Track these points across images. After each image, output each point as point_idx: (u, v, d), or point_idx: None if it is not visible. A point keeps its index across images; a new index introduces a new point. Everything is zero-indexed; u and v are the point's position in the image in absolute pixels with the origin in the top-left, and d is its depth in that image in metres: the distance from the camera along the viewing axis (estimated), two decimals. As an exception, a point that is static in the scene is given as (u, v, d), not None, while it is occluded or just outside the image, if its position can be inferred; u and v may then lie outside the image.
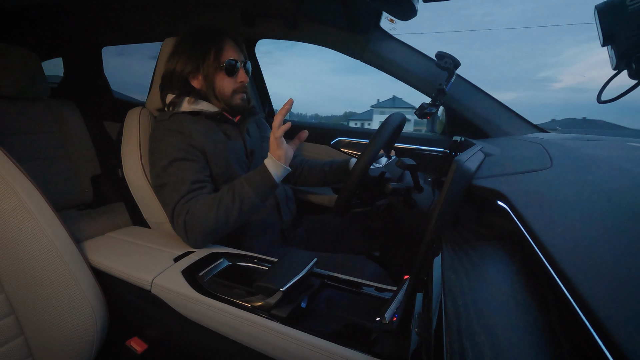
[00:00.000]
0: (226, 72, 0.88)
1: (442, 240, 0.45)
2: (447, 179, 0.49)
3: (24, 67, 1.25)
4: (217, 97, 0.89)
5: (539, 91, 35.22)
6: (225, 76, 0.88)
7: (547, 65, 69.51)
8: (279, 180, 0.81)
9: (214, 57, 0.86)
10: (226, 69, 0.87)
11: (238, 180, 0.81)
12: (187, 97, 0.90)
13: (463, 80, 1.08)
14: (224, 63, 0.87)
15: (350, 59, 1.18)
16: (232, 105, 0.91)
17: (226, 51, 0.88)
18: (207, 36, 0.88)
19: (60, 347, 0.71)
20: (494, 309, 0.29)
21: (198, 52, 0.87)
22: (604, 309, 0.22)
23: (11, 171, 0.69)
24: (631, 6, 0.45)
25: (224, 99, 0.90)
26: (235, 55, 0.89)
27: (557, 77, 64.52)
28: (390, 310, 0.47)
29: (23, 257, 0.67)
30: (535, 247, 0.32)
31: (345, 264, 0.82)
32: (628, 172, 0.48)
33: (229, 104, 0.91)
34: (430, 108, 0.96)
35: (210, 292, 0.65)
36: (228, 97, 0.90)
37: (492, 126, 1.06)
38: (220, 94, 0.89)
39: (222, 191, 0.80)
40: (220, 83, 0.89)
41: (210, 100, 0.90)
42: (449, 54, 0.97)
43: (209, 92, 0.89)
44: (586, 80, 18.81)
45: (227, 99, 0.90)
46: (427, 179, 0.89)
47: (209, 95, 0.89)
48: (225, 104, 0.91)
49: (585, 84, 22.75)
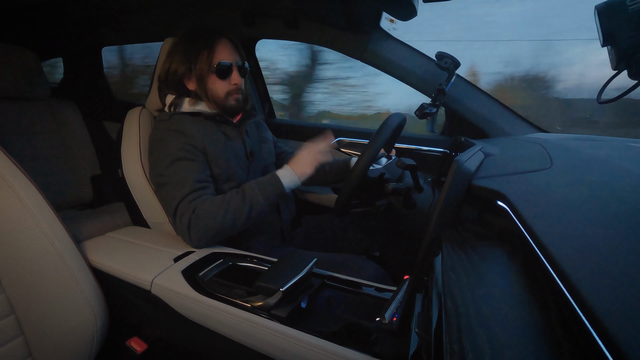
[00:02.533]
0: (217, 75, 0.86)
1: (442, 240, 0.45)
2: (447, 179, 0.49)
3: (24, 67, 1.25)
4: (209, 99, 0.88)
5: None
6: (217, 79, 0.87)
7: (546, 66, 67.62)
8: (288, 191, 0.82)
9: (205, 58, 0.85)
10: (217, 72, 0.86)
11: (248, 184, 0.81)
12: (187, 97, 0.90)
13: (463, 80, 1.08)
14: (216, 65, 0.85)
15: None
16: (227, 107, 0.90)
17: (219, 53, 0.86)
18: (200, 37, 0.86)
19: (60, 347, 0.71)
20: (494, 309, 0.29)
21: (190, 53, 0.86)
22: (604, 308, 0.22)
23: (11, 171, 0.69)
24: (631, 6, 0.45)
25: (217, 101, 0.89)
26: (229, 56, 0.87)
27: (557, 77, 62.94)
28: (390, 310, 0.47)
29: (23, 258, 0.67)
30: (535, 247, 0.32)
31: (345, 264, 0.82)
32: (628, 172, 0.48)
33: (223, 106, 0.89)
34: (430, 108, 0.96)
35: (210, 292, 0.65)
36: (221, 99, 0.88)
37: (492, 126, 1.06)
38: (213, 96, 0.88)
39: (231, 194, 0.79)
40: (212, 85, 0.87)
41: (205, 102, 0.89)
42: (449, 54, 0.97)
43: (202, 93, 0.87)
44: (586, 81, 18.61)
45: (221, 101, 0.89)
46: (427, 179, 0.89)
47: (202, 97, 0.88)
48: (219, 106, 0.89)
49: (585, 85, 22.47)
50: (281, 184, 0.80)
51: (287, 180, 0.81)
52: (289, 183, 0.81)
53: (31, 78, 1.28)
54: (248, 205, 0.77)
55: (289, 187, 0.81)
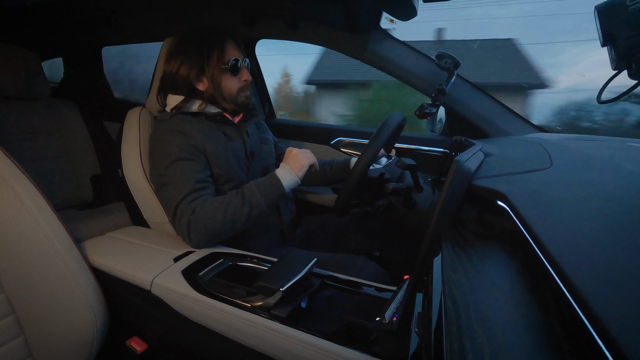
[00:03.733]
0: (231, 72, 0.88)
1: (442, 240, 0.45)
2: (447, 179, 0.49)
3: (24, 67, 1.25)
4: (224, 97, 0.90)
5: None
6: (230, 76, 0.89)
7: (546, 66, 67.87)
8: (288, 191, 0.82)
9: (217, 57, 0.86)
10: (231, 69, 0.88)
11: (248, 186, 0.81)
12: (196, 100, 0.89)
13: (463, 80, 1.08)
14: (229, 63, 0.87)
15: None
16: (238, 103, 0.92)
17: (229, 51, 0.88)
18: (208, 37, 0.87)
19: (60, 347, 0.71)
20: (494, 309, 0.29)
21: (201, 54, 0.86)
22: (604, 308, 0.22)
23: (11, 171, 0.69)
24: (631, 6, 0.45)
25: (231, 98, 0.91)
26: (237, 54, 0.90)
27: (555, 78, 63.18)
28: (390, 310, 0.47)
29: (23, 257, 0.67)
30: (535, 247, 0.32)
31: (345, 264, 0.82)
32: (628, 172, 0.48)
33: (235, 102, 0.92)
34: (430, 108, 0.96)
35: (210, 292, 0.65)
36: (234, 96, 0.91)
37: (492, 126, 1.06)
38: (227, 94, 0.90)
39: (230, 195, 0.79)
40: (226, 83, 0.89)
41: (218, 101, 0.90)
42: (449, 54, 0.97)
43: (217, 93, 0.88)
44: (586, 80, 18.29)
45: (234, 98, 0.91)
46: (427, 179, 0.89)
47: (217, 97, 0.89)
48: (233, 103, 0.91)
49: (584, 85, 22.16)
50: (281, 184, 0.80)
51: (287, 180, 0.81)
52: (288, 182, 0.81)
53: (31, 78, 1.28)
54: (248, 206, 0.77)
55: (288, 186, 0.81)
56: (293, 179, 0.82)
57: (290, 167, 0.83)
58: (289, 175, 0.82)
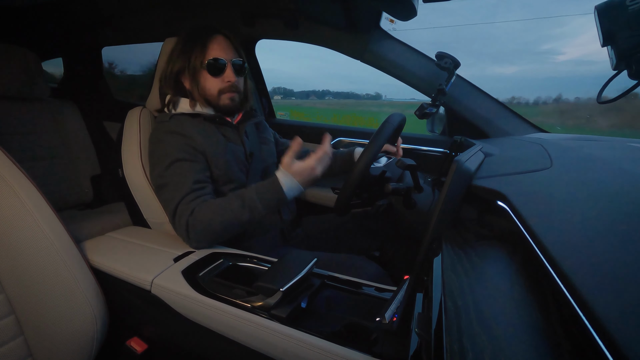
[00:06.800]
0: (208, 71, 0.85)
1: (442, 240, 0.45)
2: (447, 179, 0.49)
3: (24, 67, 1.25)
4: (202, 97, 0.87)
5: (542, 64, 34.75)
6: (208, 75, 0.86)
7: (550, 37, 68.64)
8: (290, 198, 0.78)
9: (198, 55, 0.84)
10: (208, 68, 0.85)
11: (248, 190, 0.78)
12: (183, 98, 0.89)
13: (463, 80, 1.08)
14: (207, 62, 0.84)
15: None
16: (220, 106, 0.88)
17: (211, 49, 0.85)
18: (195, 34, 0.86)
19: (60, 347, 0.71)
20: (494, 309, 0.29)
21: (186, 50, 0.86)
22: (604, 308, 0.22)
23: (11, 171, 0.69)
24: (631, 6, 0.45)
25: (210, 99, 0.88)
26: (223, 53, 0.86)
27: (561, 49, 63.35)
28: (390, 310, 0.47)
29: (23, 257, 0.67)
30: (535, 247, 0.32)
31: (345, 264, 0.82)
32: (627, 173, 0.48)
33: (215, 104, 0.88)
34: (430, 108, 0.96)
35: (210, 292, 0.65)
36: (214, 97, 0.87)
37: (492, 126, 1.06)
38: (205, 94, 0.87)
39: (230, 198, 0.78)
40: (204, 82, 0.86)
41: (198, 101, 0.87)
42: (449, 54, 0.97)
43: (194, 91, 0.87)
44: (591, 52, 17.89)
45: (214, 99, 0.87)
46: (427, 179, 0.89)
47: (195, 95, 0.87)
48: (212, 105, 0.88)
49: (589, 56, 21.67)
50: (282, 192, 0.77)
51: (288, 189, 0.77)
52: (290, 191, 0.77)
53: (31, 78, 1.28)
54: (247, 211, 0.76)
55: (290, 195, 0.78)
56: (297, 188, 0.78)
57: (299, 181, 0.77)
58: (293, 184, 0.77)
